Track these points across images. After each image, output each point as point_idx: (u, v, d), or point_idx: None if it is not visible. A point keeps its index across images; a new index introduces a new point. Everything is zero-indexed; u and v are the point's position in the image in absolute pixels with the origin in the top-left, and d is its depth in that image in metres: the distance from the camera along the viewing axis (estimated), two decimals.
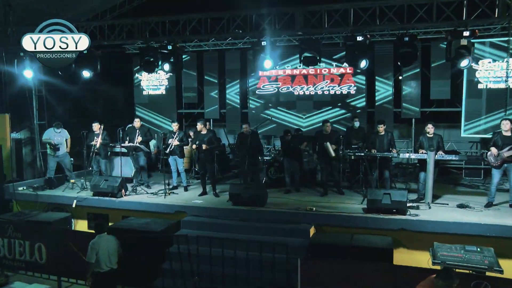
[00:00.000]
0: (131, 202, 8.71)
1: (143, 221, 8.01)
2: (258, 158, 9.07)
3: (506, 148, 7.35)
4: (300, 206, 7.95)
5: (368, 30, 7.45)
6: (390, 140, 8.55)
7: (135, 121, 9.80)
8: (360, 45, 7.47)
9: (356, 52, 7.46)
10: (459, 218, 7.00)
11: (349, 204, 8.10)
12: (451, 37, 7.32)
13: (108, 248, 6.12)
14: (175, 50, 8.64)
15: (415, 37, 7.60)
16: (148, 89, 13.14)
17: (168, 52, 8.58)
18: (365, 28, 7.42)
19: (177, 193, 9.33)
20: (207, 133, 8.89)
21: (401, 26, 7.81)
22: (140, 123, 9.86)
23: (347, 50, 7.76)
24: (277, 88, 12.05)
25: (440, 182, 10.13)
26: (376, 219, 7.15)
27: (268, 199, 8.44)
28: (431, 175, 7.82)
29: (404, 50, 7.30)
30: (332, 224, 7.36)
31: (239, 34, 7.93)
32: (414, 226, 6.96)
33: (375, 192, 7.39)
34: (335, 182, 9.20)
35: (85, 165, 9.71)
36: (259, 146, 9.14)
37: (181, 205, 8.35)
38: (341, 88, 11.54)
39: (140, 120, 9.95)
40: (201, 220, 7.92)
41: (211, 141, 8.77)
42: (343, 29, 7.37)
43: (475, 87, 10.42)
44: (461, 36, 7.16)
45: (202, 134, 8.85)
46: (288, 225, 7.41)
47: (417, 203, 7.96)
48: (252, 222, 7.65)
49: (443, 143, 8.29)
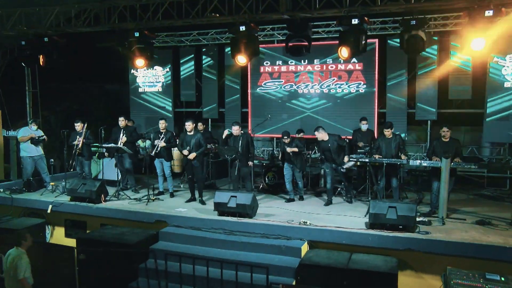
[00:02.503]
0: (109, 209, 7.91)
1: (119, 230, 7.24)
2: (247, 163, 8.14)
3: None
4: (294, 218, 6.99)
5: (367, 11, 6.31)
6: (398, 145, 7.51)
7: (119, 120, 9.02)
8: (355, 30, 6.29)
9: (351, 39, 6.35)
10: (479, 238, 5.91)
11: (352, 217, 7.11)
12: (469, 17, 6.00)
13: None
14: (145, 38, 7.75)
15: (425, 20, 6.43)
16: (144, 86, 12.39)
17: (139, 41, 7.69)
18: (363, 9, 6.21)
19: (162, 199, 8.49)
20: (194, 135, 8.00)
21: (406, 6, 6.53)
22: (125, 122, 9.07)
23: (340, 37, 6.65)
24: (279, 85, 11.09)
25: (458, 191, 9.00)
26: (379, 236, 6.13)
27: (263, 208, 7.60)
28: (446, 185, 6.74)
29: (409, 36, 6.16)
30: (328, 241, 6.38)
31: (216, 18, 7.00)
32: (423, 246, 5.91)
33: (379, 205, 6.37)
34: (346, 189, 8.34)
35: (66, 166, 8.97)
36: (249, 150, 8.17)
37: (162, 213, 7.51)
38: (349, 86, 10.50)
39: (125, 119, 9.14)
40: (182, 231, 7.06)
41: (198, 143, 7.90)
42: (337, 11, 6.28)
43: (501, 85, 9.23)
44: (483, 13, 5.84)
45: (189, 135, 7.98)
46: (277, 241, 6.47)
47: (429, 217, 6.90)
48: (238, 236, 6.74)
49: (461, 149, 7.19)
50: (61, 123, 13.02)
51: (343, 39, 6.75)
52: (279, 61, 10.98)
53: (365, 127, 8.75)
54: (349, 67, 10.42)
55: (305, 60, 10.67)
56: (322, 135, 7.84)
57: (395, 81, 10.14)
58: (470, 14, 6.00)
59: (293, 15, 6.50)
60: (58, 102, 14.22)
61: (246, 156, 8.02)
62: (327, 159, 7.93)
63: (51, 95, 13.24)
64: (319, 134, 7.84)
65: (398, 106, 10.14)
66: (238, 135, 8.01)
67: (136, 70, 12.36)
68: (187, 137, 7.99)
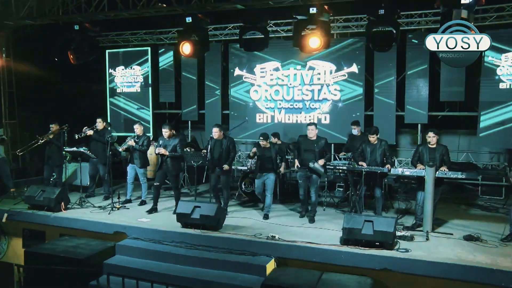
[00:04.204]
0: (67, 218, 7.32)
1: (74, 242, 6.71)
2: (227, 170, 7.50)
3: None
4: (265, 231, 6.37)
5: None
6: (384, 152, 6.86)
7: (97, 122, 8.45)
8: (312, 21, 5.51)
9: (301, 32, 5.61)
10: (464, 258, 5.26)
11: (328, 230, 6.47)
12: (444, 5, 5.33)
13: None
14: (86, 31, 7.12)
15: (395, 10, 5.73)
16: (122, 87, 11.79)
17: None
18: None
19: (128, 207, 7.89)
20: (171, 140, 7.39)
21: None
22: (103, 124, 8.49)
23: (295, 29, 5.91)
24: (258, 86, 10.43)
25: (450, 201, 8.35)
26: (353, 254, 5.50)
27: (235, 219, 7.05)
28: (430, 197, 6.09)
29: (378, 29, 5.45)
30: (297, 258, 5.73)
31: (163, 8, 6.36)
32: (402, 265, 5.26)
33: (354, 219, 5.72)
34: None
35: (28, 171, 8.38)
36: (229, 155, 7.48)
37: (122, 224, 6.90)
38: (335, 88, 9.82)
39: (103, 120, 8.55)
40: (140, 245, 6.44)
41: (175, 149, 7.33)
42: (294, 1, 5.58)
43: (496, 86, 8.57)
44: (459, 4, 5.16)
45: (166, 141, 7.42)
46: (242, 257, 5.84)
47: (413, 231, 6.26)
48: (200, 251, 6.11)
49: (449, 156, 6.53)
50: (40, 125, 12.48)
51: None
52: (259, 60, 10.32)
53: (355, 132, 8.14)
54: (335, 67, 9.76)
55: (286, 60, 10.02)
56: (315, 132, 7.03)
57: (383, 82, 9.47)
58: None
59: (248, 5, 5.80)
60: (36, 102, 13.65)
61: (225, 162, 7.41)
62: (303, 162, 7.14)
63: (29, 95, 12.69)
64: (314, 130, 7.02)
65: (387, 109, 9.47)
66: (220, 138, 7.37)
67: (114, 70, 11.79)
68: (164, 142, 7.41)
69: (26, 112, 12.83)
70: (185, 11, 6.18)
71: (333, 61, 9.69)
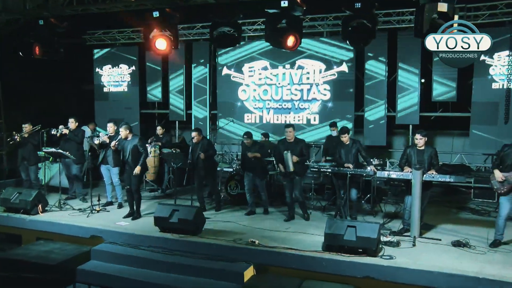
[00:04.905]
0: (43, 221, 7.07)
1: (49, 247, 6.44)
2: (209, 172, 7.29)
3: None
4: (246, 236, 6.12)
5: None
6: (358, 151, 6.63)
7: (69, 122, 8.19)
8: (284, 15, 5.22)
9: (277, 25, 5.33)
10: (450, 265, 5.02)
11: (312, 235, 6.21)
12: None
13: None
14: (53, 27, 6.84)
15: (373, 4, 5.47)
16: (109, 86, 11.55)
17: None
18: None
19: (109, 210, 7.65)
20: (130, 140, 7.08)
21: None
22: (75, 124, 8.23)
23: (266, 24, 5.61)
24: (247, 86, 10.21)
25: (441, 204, 8.12)
26: (335, 261, 5.25)
27: (217, 223, 6.80)
28: (418, 201, 5.85)
29: (354, 24, 5.18)
30: (277, 264, 5.49)
31: (132, 2, 6.13)
32: (385, 274, 5.02)
33: (336, 224, 5.48)
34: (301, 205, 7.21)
35: None
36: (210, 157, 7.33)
37: (99, 228, 6.65)
38: (317, 87, 9.57)
39: (75, 120, 8.28)
40: (117, 250, 6.19)
41: (136, 150, 7.00)
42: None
43: (488, 86, 8.34)
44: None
45: (126, 142, 7.07)
46: (220, 264, 5.59)
47: (400, 236, 6.02)
48: (178, 257, 5.87)
49: (437, 158, 6.28)
50: None
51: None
52: (248, 59, 10.07)
53: (334, 133, 7.90)
54: (324, 66, 9.51)
55: (275, 59, 9.78)
56: (293, 134, 6.88)
57: (374, 81, 9.24)
58: None
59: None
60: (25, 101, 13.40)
61: (206, 164, 7.20)
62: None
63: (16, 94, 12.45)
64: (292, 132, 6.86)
65: (378, 109, 9.23)
66: (198, 141, 7.22)
67: (101, 69, 11.55)
68: (123, 142, 7.09)
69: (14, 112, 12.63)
70: (154, 5, 5.94)
71: (322, 60, 9.46)
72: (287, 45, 5.66)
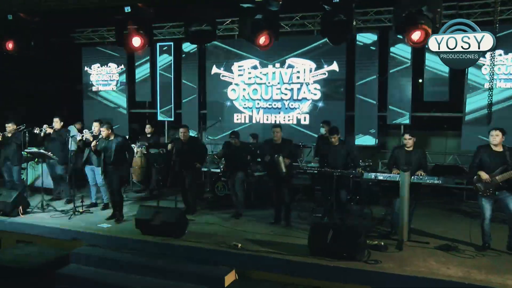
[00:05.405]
0: (23, 224, 6.90)
1: (27, 251, 6.30)
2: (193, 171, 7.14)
3: (497, 170, 5.27)
4: (229, 238, 5.96)
5: None
6: (347, 153, 6.46)
7: (54, 121, 8.02)
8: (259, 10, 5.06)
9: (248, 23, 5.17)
10: (436, 270, 4.88)
11: (297, 238, 6.04)
12: None
13: None
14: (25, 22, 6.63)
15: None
16: (98, 85, 11.36)
17: None
18: None
19: (92, 212, 7.49)
20: (113, 140, 6.89)
21: None
22: (60, 124, 8.05)
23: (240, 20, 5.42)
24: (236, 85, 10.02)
25: (433, 206, 7.97)
26: (319, 266, 5.09)
27: (202, 225, 6.65)
28: (406, 203, 5.69)
29: (332, 19, 5.01)
30: (260, 269, 5.33)
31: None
32: (369, 279, 4.87)
33: (319, 226, 5.33)
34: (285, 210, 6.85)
35: None
36: (194, 157, 7.16)
37: (80, 230, 6.48)
38: (308, 86, 9.39)
39: (60, 120, 8.11)
40: (97, 253, 6.03)
41: (118, 150, 6.81)
42: None
43: (479, 86, 8.19)
44: None
45: (107, 142, 6.85)
46: (200, 268, 5.43)
47: (388, 239, 5.87)
48: (160, 260, 5.70)
49: (426, 160, 6.14)
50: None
51: None
52: (237, 58, 9.90)
53: (324, 131, 7.73)
54: (315, 65, 9.34)
55: (265, 58, 9.60)
56: (280, 134, 6.69)
57: (365, 80, 9.07)
58: None
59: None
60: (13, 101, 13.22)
61: (192, 164, 7.05)
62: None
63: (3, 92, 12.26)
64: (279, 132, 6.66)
65: (369, 109, 9.07)
66: (186, 140, 7.08)
67: (89, 67, 11.36)
68: (107, 143, 6.86)
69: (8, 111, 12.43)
70: (130, 1, 5.75)
71: (312, 59, 9.29)
72: (259, 43, 5.49)
